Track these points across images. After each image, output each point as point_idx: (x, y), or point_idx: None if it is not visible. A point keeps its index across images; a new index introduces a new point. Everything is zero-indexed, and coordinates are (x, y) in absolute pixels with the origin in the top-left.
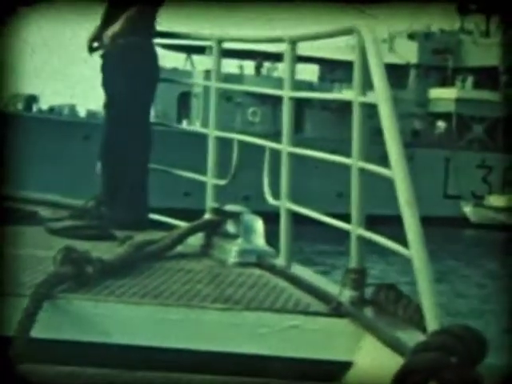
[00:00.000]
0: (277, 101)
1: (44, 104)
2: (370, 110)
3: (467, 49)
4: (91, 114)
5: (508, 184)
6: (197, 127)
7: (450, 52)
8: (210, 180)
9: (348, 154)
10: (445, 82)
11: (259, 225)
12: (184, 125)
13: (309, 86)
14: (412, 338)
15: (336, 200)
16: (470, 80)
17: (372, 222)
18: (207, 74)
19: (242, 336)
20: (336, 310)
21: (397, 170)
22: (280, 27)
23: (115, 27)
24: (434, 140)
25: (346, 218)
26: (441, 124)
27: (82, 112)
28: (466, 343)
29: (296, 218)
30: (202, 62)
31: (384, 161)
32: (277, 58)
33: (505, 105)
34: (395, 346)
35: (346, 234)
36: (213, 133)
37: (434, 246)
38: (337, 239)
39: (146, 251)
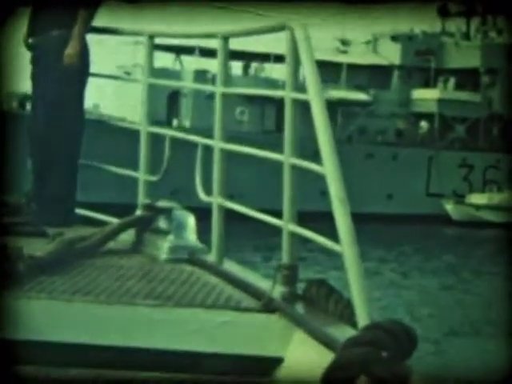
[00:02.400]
0: (265, 100)
1: None
2: (356, 110)
3: (449, 51)
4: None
5: (488, 183)
6: (129, 123)
7: (432, 54)
8: (142, 176)
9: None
10: (427, 83)
11: (191, 221)
12: (174, 124)
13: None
14: (343, 333)
15: (320, 198)
16: (451, 81)
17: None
18: (196, 73)
19: (173, 332)
20: (267, 306)
21: (328, 167)
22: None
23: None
24: (417, 140)
25: (329, 215)
26: (423, 124)
27: None
28: (396, 338)
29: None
30: (193, 62)
31: (370, 158)
32: (265, 58)
33: (485, 105)
34: (326, 341)
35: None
36: (145, 128)
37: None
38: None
39: (77, 247)
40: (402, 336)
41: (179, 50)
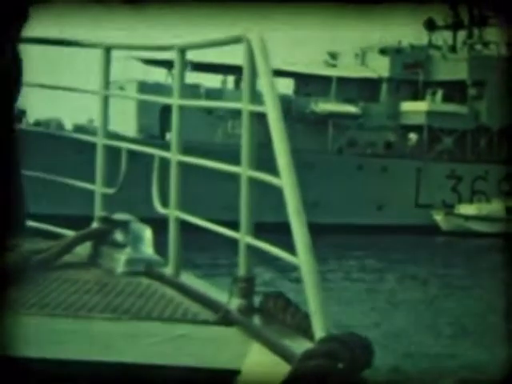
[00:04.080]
0: (255, 114)
1: (31, 117)
2: (346, 123)
3: (436, 63)
4: (78, 128)
5: (477, 193)
6: (84, 135)
7: (420, 66)
8: (99, 189)
9: (323, 166)
10: (415, 96)
11: (148, 233)
12: (167, 137)
13: (287, 99)
14: (299, 345)
15: (312, 210)
16: (439, 93)
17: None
18: (189, 88)
19: (130, 346)
20: (224, 319)
21: (285, 179)
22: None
23: None
24: (406, 151)
25: (320, 226)
26: (412, 136)
27: (68, 125)
28: (352, 349)
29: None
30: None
31: (360, 170)
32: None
33: (473, 117)
34: (283, 353)
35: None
36: (101, 141)
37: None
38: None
39: (33, 260)
40: (359, 348)
41: (171, 65)
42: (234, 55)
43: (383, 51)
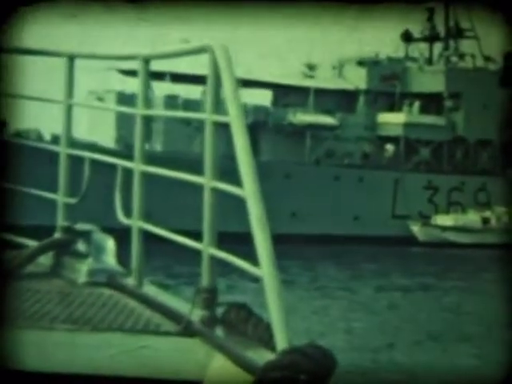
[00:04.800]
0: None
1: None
2: (323, 134)
3: (413, 75)
4: (56, 138)
5: (453, 204)
6: (46, 144)
7: (397, 78)
8: (61, 198)
9: (301, 176)
10: (392, 107)
11: (110, 244)
12: (146, 148)
13: (265, 110)
14: (261, 357)
15: (290, 220)
16: (416, 105)
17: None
18: (167, 99)
19: (91, 357)
20: (186, 330)
21: (248, 189)
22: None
23: None
24: (383, 162)
25: (298, 237)
26: (389, 147)
27: (46, 136)
28: (314, 361)
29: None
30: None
31: (337, 181)
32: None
33: (449, 129)
34: (245, 365)
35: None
36: (64, 150)
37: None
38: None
39: None
40: (320, 359)
41: (150, 76)
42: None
43: (361, 63)
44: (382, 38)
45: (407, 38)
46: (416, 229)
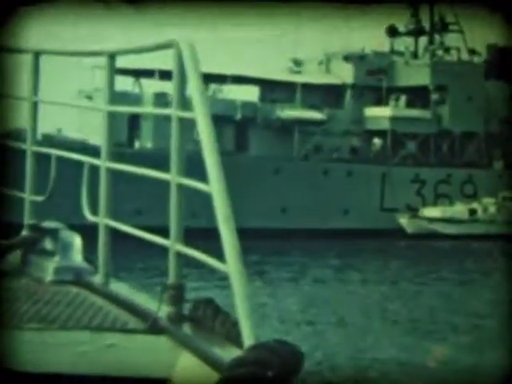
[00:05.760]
0: (223, 121)
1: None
2: (311, 129)
3: (399, 69)
4: (46, 137)
5: (440, 196)
6: (16, 142)
7: (383, 73)
8: (28, 196)
9: (289, 172)
10: (379, 101)
11: (77, 241)
12: (136, 145)
13: (253, 106)
14: (229, 353)
15: (280, 215)
16: (402, 99)
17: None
18: (156, 96)
19: (58, 355)
20: (154, 327)
21: (214, 185)
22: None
23: None
24: (371, 156)
25: (286, 231)
26: (377, 141)
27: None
28: (281, 357)
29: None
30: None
31: (326, 175)
32: (223, 80)
33: (435, 122)
34: (212, 361)
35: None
36: (30, 148)
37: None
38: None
39: None
40: (288, 355)
41: (138, 73)
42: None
43: (347, 58)
44: (367, 32)
45: (392, 32)
46: (404, 221)
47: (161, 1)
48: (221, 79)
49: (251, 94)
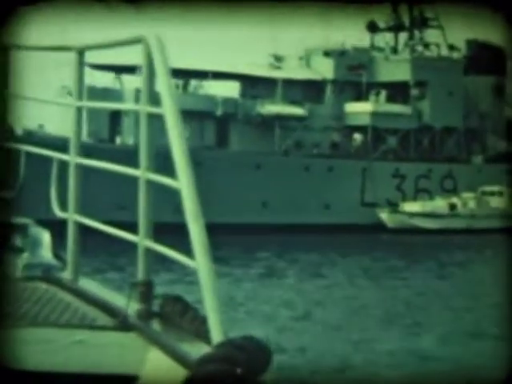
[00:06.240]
0: (203, 116)
1: None
2: (292, 124)
3: (379, 65)
4: (28, 133)
5: (420, 191)
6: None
7: (363, 68)
8: None
9: (271, 167)
10: (359, 97)
11: (46, 238)
12: (118, 141)
13: (234, 102)
14: (197, 350)
15: (261, 210)
16: (383, 94)
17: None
18: (138, 92)
19: (27, 353)
20: (122, 324)
21: (182, 182)
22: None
23: None
24: (351, 151)
25: (267, 226)
26: (357, 136)
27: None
28: (249, 353)
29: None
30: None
31: (307, 171)
32: (204, 75)
33: (415, 117)
34: (180, 358)
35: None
36: None
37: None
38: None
39: None
40: (256, 352)
41: (119, 69)
42: (179, 59)
43: (327, 54)
44: (348, 28)
45: (373, 28)
46: (384, 216)
47: (161, 1)
48: (201, 75)
49: (232, 89)
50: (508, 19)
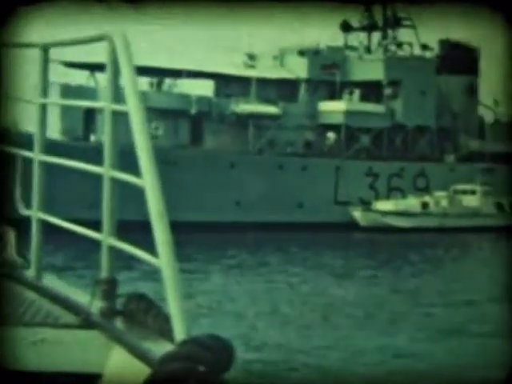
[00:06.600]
0: (178, 115)
1: None
2: (266, 123)
3: (353, 64)
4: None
5: (393, 190)
6: None
7: (337, 67)
8: None
9: (244, 166)
10: (333, 96)
11: (10, 235)
12: (92, 139)
13: (208, 100)
14: (161, 348)
15: (234, 209)
16: (356, 93)
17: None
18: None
19: None
20: (86, 322)
21: (147, 180)
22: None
23: None
24: (325, 150)
25: (241, 224)
26: (330, 135)
27: None
28: (213, 352)
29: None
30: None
31: (280, 169)
32: (178, 74)
33: (388, 116)
34: (143, 356)
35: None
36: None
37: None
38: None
39: None
40: (219, 350)
41: (94, 67)
42: (150, 58)
43: (301, 53)
44: (322, 27)
45: (346, 27)
46: (357, 214)
47: (161, 1)
48: (176, 74)
49: (206, 88)
50: (507, 19)
